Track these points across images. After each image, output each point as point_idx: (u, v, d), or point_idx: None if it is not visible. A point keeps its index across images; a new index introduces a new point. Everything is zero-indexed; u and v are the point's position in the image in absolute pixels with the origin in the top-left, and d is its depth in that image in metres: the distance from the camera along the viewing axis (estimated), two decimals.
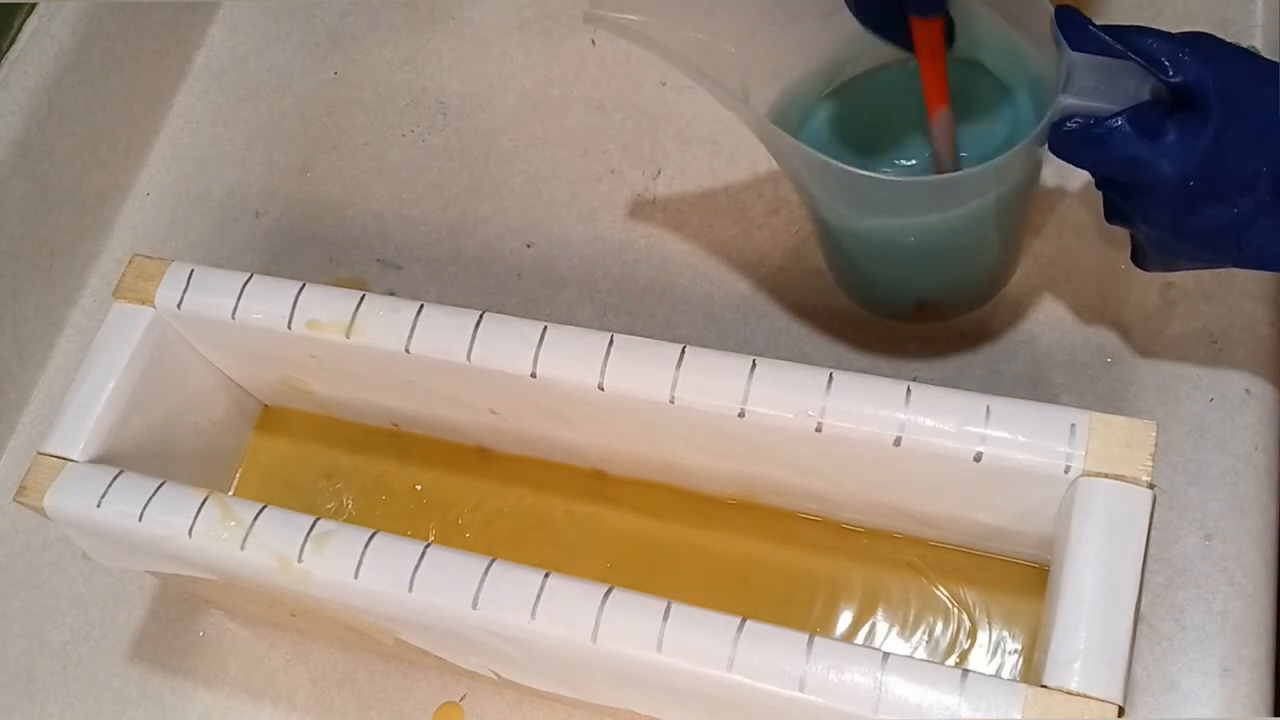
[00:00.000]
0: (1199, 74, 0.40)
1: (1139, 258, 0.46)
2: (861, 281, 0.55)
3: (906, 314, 0.55)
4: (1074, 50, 0.41)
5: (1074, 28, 0.41)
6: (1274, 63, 0.41)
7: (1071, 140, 0.42)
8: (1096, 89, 0.41)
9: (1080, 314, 0.54)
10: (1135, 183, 0.41)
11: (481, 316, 0.45)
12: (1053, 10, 0.42)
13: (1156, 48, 0.40)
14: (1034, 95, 0.47)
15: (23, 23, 0.62)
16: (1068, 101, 0.41)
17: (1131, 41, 0.41)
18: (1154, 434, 0.39)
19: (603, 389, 0.44)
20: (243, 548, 0.43)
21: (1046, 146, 0.43)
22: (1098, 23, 0.42)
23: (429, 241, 0.62)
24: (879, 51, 0.48)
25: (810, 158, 0.44)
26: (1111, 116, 0.41)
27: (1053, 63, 0.42)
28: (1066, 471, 0.39)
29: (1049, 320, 0.54)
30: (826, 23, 0.48)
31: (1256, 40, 0.58)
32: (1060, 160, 0.43)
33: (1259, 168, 0.40)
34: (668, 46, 0.44)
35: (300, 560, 0.42)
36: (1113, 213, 0.45)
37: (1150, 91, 0.41)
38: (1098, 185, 0.44)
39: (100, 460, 0.47)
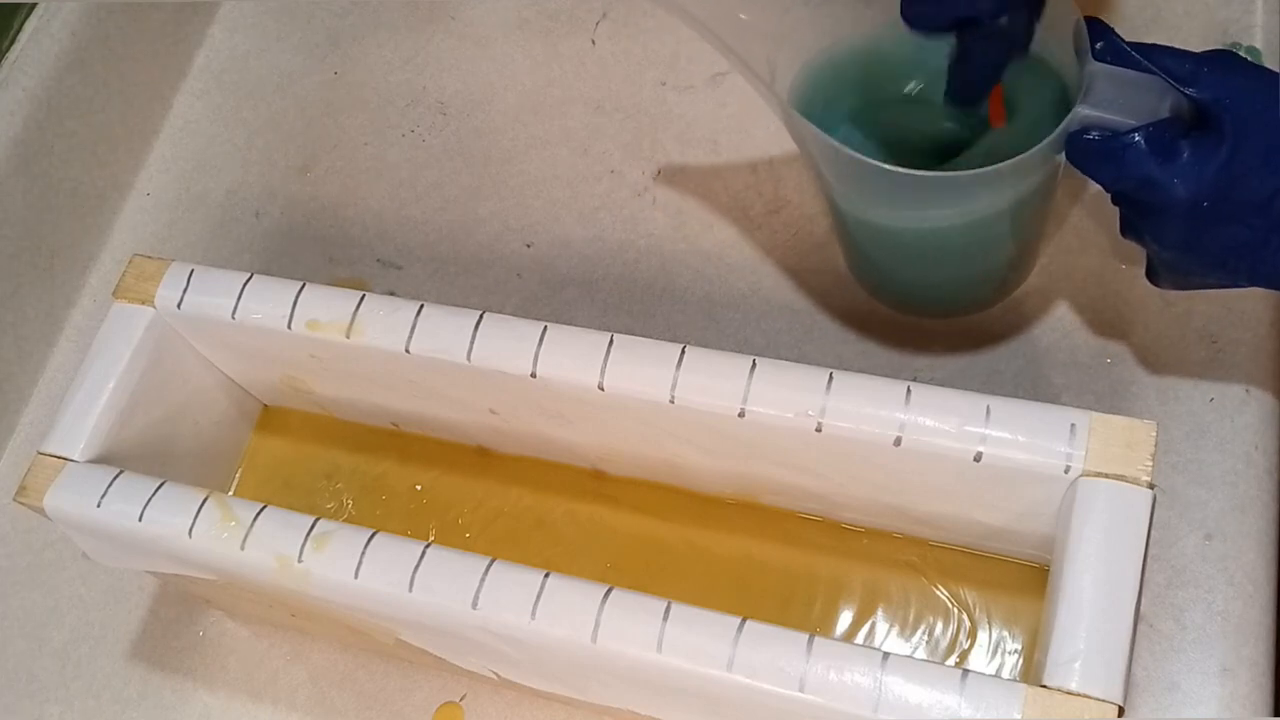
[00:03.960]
0: (1216, 91, 0.40)
1: (1153, 275, 0.46)
2: (876, 274, 0.54)
3: (917, 309, 0.55)
4: (1097, 61, 0.41)
5: (1099, 39, 0.41)
6: None
7: (1087, 153, 0.41)
8: (1115, 101, 0.41)
9: (1080, 314, 0.54)
10: (1149, 201, 0.41)
11: (481, 316, 0.45)
12: (1079, 19, 0.42)
13: (1177, 62, 0.40)
14: (1061, 100, 0.47)
15: (23, 23, 0.62)
16: (1085, 112, 0.41)
17: (1154, 55, 0.41)
18: (1154, 434, 0.39)
19: (603, 389, 0.44)
20: (243, 548, 0.43)
21: (1064, 155, 0.42)
22: (1105, 32, 0.42)
23: (429, 241, 0.62)
24: (910, 44, 0.48)
25: (828, 146, 0.43)
26: (1128, 132, 0.40)
27: (1075, 69, 0.42)
28: (1066, 471, 0.39)
29: (1049, 320, 0.54)
30: (860, 7, 0.48)
31: (1256, 40, 0.58)
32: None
33: (1273, 187, 0.39)
34: (698, 18, 0.44)
35: (300, 560, 0.42)
36: (1127, 228, 0.44)
37: (1169, 108, 0.41)
38: (1113, 200, 0.44)
39: (100, 460, 0.47)
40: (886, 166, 0.42)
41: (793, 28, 0.47)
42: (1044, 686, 0.36)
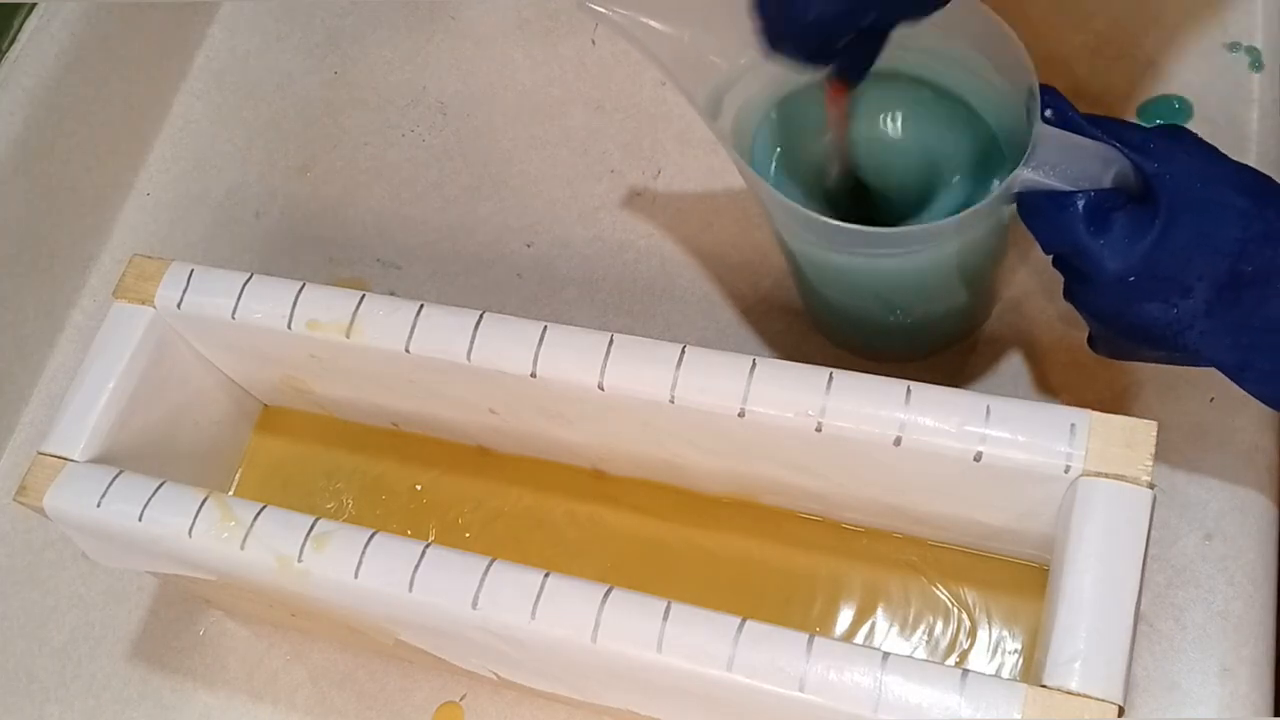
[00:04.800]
0: (1160, 162, 0.39)
1: (1091, 341, 0.46)
2: (825, 312, 0.54)
3: (862, 349, 0.55)
4: (1048, 125, 0.41)
5: (1050, 105, 0.41)
6: (1243, 167, 0.40)
7: (1029, 208, 0.42)
8: (1057, 167, 0.41)
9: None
10: (1078, 268, 0.41)
11: (481, 316, 0.45)
12: (1034, 84, 0.41)
13: (1129, 130, 0.40)
14: (991, 155, 0.47)
15: (23, 23, 0.62)
16: (1027, 174, 0.41)
17: (1105, 124, 0.41)
18: (1154, 434, 0.39)
19: (603, 389, 0.44)
20: (243, 548, 0.43)
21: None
22: (1057, 100, 0.41)
23: (429, 241, 0.62)
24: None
25: (762, 188, 0.43)
26: (1067, 195, 0.40)
27: (1014, 129, 0.42)
28: (1066, 471, 0.39)
29: (1049, 320, 0.54)
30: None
31: (1257, 40, 0.58)
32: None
33: (1199, 272, 0.39)
34: (653, 51, 0.44)
35: (300, 560, 0.42)
36: (1066, 292, 0.44)
37: (1112, 179, 0.40)
38: (1053, 264, 0.43)
39: (100, 460, 0.47)
40: (823, 219, 0.42)
41: (749, 63, 0.46)
42: (1044, 686, 0.36)
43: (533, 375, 0.44)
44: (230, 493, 0.56)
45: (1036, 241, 0.42)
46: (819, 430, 0.41)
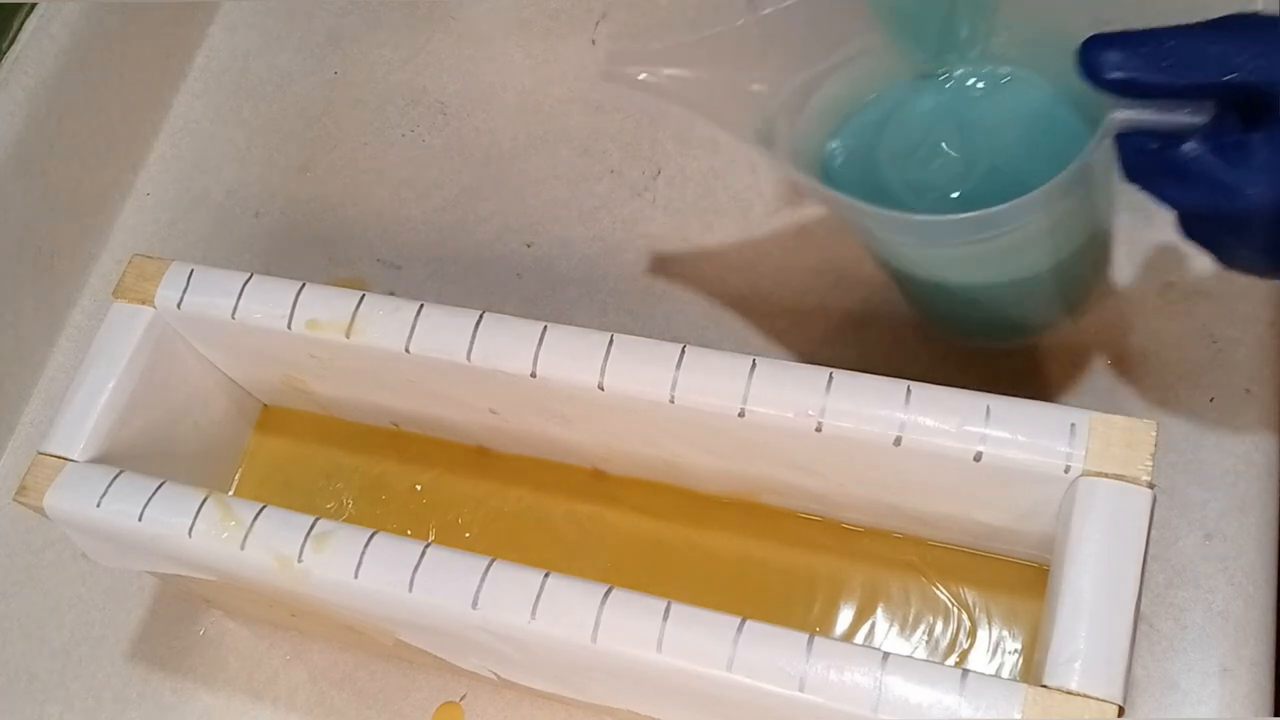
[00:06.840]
0: (1260, 71, 0.34)
1: (1229, 264, 0.40)
2: (932, 309, 0.53)
3: (981, 339, 0.54)
4: (1110, 72, 0.36)
5: (1097, 54, 0.36)
6: None
7: (1145, 171, 0.37)
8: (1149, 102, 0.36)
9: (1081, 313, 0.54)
10: (1227, 212, 0.36)
11: (481, 316, 0.45)
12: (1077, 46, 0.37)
13: (1206, 44, 0.35)
14: (1087, 112, 0.43)
15: (23, 23, 0.62)
16: (1122, 114, 0.36)
17: (1175, 48, 0.35)
18: (1154, 434, 0.39)
19: (603, 389, 0.44)
20: (243, 548, 0.43)
21: (1115, 169, 0.39)
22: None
23: (429, 241, 0.62)
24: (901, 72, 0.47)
25: (837, 200, 0.42)
26: (1187, 142, 0.35)
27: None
28: (1066, 471, 0.39)
29: None
30: (855, 60, 0.46)
31: None
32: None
33: None
34: (689, 99, 0.43)
35: (300, 560, 0.42)
36: (1193, 232, 0.39)
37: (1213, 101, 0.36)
38: (1187, 233, 0.38)
39: (100, 460, 0.47)
40: (910, 216, 0.40)
41: (790, 87, 0.45)
42: (1044, 686, 0.36)
43: (533, 375, 0.44)
44: (230, 493, 0.56)
45: (1171, 208, 0.37)
46: (819, 430, 0.41)
